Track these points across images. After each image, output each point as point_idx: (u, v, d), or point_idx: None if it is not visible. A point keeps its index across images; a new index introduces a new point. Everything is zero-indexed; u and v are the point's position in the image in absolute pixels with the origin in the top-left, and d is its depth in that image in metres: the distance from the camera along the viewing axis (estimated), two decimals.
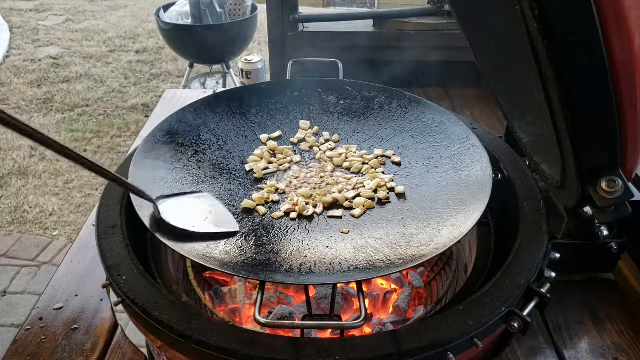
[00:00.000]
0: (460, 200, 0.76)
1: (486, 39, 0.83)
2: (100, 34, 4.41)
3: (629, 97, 0.55)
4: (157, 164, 0.83)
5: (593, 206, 0.67)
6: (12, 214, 2.39)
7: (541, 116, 0.63)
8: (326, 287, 0.89)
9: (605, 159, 0.62)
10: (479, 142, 0.85)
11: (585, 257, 0.84)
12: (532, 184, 0.83)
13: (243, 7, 2.79)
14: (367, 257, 0.67)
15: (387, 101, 0.99)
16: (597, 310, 0.86)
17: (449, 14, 1.59)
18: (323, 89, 1.03)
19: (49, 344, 0.81)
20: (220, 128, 0.94)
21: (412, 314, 0.87)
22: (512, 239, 0.75)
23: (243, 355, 0.58)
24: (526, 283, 0.67)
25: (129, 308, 0.67)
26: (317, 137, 0.96)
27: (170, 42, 2.82)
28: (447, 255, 0.95)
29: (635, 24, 0.50)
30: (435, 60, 1.59)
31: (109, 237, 0.74)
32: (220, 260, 0.66)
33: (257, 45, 4.10)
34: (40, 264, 2.10)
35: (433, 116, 0.94)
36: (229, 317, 0.84)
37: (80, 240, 1.03)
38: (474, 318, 0.62)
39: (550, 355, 0.80)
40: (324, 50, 1.59)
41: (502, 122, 1.34)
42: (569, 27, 0.49)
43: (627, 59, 0.52)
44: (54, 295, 0.90)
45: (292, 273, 0.65)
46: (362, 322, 0.57)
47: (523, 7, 0.49)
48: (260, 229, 0.74)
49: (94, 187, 2.58)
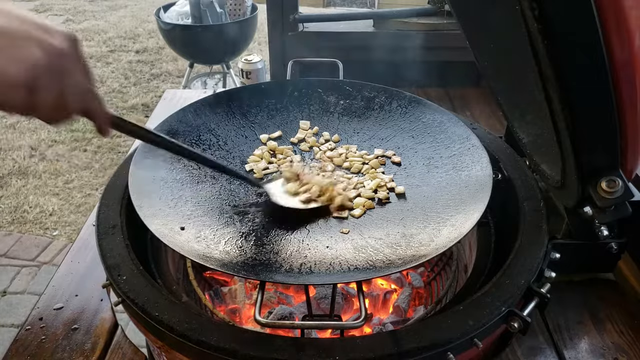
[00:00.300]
0: (460, 200, 0.76)
1: (486, 39, 0.83)
2: (100, 34, 4.41)
3: (629, 97, 0.55)
4: (157, 164, 0.83)
5: (593, 206, 0.67)
6: (12, 214, 2.39)
7: (541, 116, 0.63)
8: (326, 287, 0.89)
9: (605, 159, 0.62)
10: (479, 142, 0.85)
11: (585, 257, 0.84)
12: (532, 184, 0.83)
13: (243, 7, 2.79)
14: (367, 257, 0.67)
15: (387, 101, 0.99)
16: (597, 310, 0.86)
17: (449, 14, 1.59)
18: (323, 89, 1.03)
19: (49, 344, 0.81)
20: (220, 128, 0.94)
21: (412, 314, 0.87)
22: (512, 239, 0.75)
23: (243, 355, 0.58)
24: (526, 283, 0.67)
25: (129, 308, 0.67)
26: (317, 137, 0.96)
27: (170, 42, 2.82)
28: (447, 255, 0.95)
29: (635, 24, 0.50)
30: (435, 60, 1.59)
31: (109, 237, 0.74)
32: (220, 260, 0.66)
33: (257, 45, 4.10)
34: (40, 264, 2.11)
35: (433, 116, 0.94)
36: (229, 317, 0.84)
37: (80, 240, 1.03)
38: (474, 318, 0.62)
39: (550, 355, 0.80)
40: (324, 50, 1.59)
41: (502, 122, 1.34)
42: (569, 27, 0.49)
43: (627, 59, 0.52)
44: (54, 295, 0.90)
45: (292, 273, 0.65)
46: (362, 322, 0.57)
47: (523, 7, 0.50)
48: (260, 229, 0.74)
49: (94, 187, 2.58)
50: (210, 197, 0.80)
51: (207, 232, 0.72)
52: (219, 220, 0.75)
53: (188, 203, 0.77)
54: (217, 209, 0.78)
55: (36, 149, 2.83)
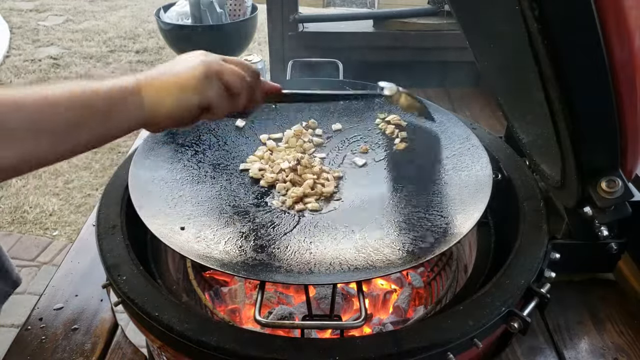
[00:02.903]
0: (460, 200, 0.76)
1: (486, 39, 0.83)
2: (100, 34, 4.41)
3: (629, 97, 0.55)
4: (157, 164, 0.83)
5: (593, 206, 0.67)
6: (12, 214, 2.39)
7: (541, 116, 0.63)
8: (326, 287, 0.89)
9: (605, 159, 0.62)
10: (479, 142, 0.85)
11: (585, 257, 0.84)
12: (532, 184, 0.83)
13: (243, 7, 2.79)
14: (367, 257, 0.67)
15: (387, 101, 0.99)
16: (597, 310, 0.86)
17: (449, 14, 1.59)
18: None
19: (49, 344, 0.81)
20: (220, 128, 0.94)
21: (412, 314, 0.87)
22: (512, 239, 0.75)
23: (243, 355, 0.58)
24: (526, 283, 0.67)
25: (129, 308, 0.67)
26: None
27: (170, 42, 2.82)
28: (447, 255, 0.95)
29: (635, 24, 0.50)
30: (435, 60, 1.59)
31: (109, 237, 0.74)
32: (220, 260, 0.66)
33: (257, 45, 4.10)
34: (40, 264, 2.10)
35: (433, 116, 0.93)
36: (229, 317, 0.84)
37: (80, 240, 1.03)
38: (474, 318, 0.62)
39: (550, 355, 0.79)
40: (324, 50, 1.58)
41: (502, 122, 1.33)
42: (569, 27, 0.49)
43: (627, 59, 0.52)
44: (54, 295, 0.90)
45: (292, 273, 0.65)
46: (362, 322, 0.57)
47: (523, 7, 0.50)
48: (260, 229, 0.74)
49: (94, 187, 2.58)
50: (210, 197, 0.80)
51: (207, 232, 0.72)
52: (219, 220, 0.75)
53: (188, 203, 0.77)
54: (217, 209, 0.78)
55: None
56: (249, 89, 0.64)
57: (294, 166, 0.85)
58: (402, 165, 0.88)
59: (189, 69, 0.58)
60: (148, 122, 0.56)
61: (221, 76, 0.60)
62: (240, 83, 0.62)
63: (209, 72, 0.58)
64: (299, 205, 0.78)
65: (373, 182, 0.84)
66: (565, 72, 0.52)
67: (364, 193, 0.82)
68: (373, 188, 0.83)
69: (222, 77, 0.60)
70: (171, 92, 0.56)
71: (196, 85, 0.57)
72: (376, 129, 0.97)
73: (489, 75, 0.91)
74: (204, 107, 0.59)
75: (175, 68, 0.58)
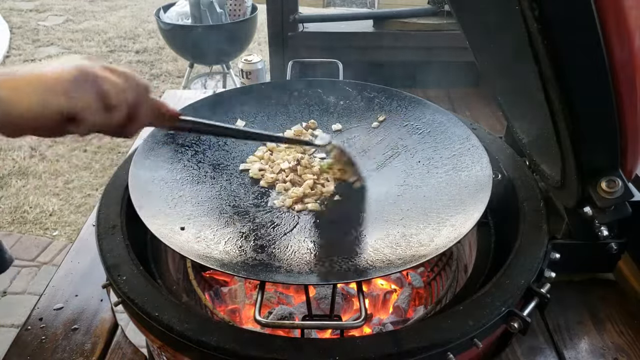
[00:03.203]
0: (460, 200, 0.76)
1: (486, 39, 0.83)
2: (100, 34, 4.41)
3: (629, 97, 0.55)
4: (157, 164, 0.83)
5: (593, 206, 0.67)
6: (12, 214, 2.39)
7: (541, 116, 0.63)
8: (326, 287, 0.89)
9: (605, 159, 0.62)
10: (479, 143, 0.85)
11: (585, 257, 0.84)
12: (532, 184, 0.83)
13: (243, 7, 2.79)
14: (367, 257, 0.67)
15: (387, 101, 0.99)
16: (597, 310, 0.86)
17: (449, 14, 1.59)
18: (323, 89, 1.03)
19: (49, 344, 0.81)
20: None
21: (412, 314, 0.87)
22: (512, 239, 0.75)
23: (243, 355, 0.58)
24: (526, 283, 0.67)
25: (129, 308, 0.67)
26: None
27: (170, 43, 2.82)
28: (447, 256, 0.95)
29: (635, 24, 0.50)
30: (435, 60, 1.59)
31: (109, 237, 0.74)
32: (220, 260, 0.66)
33: (257, 45, 4.10)
34: (40, 264, 2.10)
35: (433, 116, 0.94)
36: (229, 317, 0.84)
37: (80, 241, 1.03)
38: (474, 318, 0.62)
39: (550, 355, 0.79)
40: (324, 50, 1.59)
41: (502, 122, 1.34)
42: (569, 27, 0.49)
43: (627, 59, 0.52)
44: (54, 295, 0.90)
45: (292, 273, 0.65)
46: (362, 322, 0.57)
47: (523, 7, 0.50)
48: (260, 229, 0.74)
49: (94, 187, 2.58)
50: (210, 197, 0.80)
51: (207, 232, 0.72)
52: (219, 220, 0.75)
53: (188, 203, 0.77)
54: (217, 209, 0.78)
55: (36, 149, 2.83)
56: (131, 105, 0.56)
57: (293, 166, 0.85)
58: (402, 165, 0.88)
59: (58, 70, 0.52)
60: (2, 122, 0.50)
61: (97, 84, 0.53)
62: (119, 95, 0.55)
63: (81, 76, 0.52)
64: (299, 206, 0.79)
65: (373, 183, 0.85)
66: (565, 72, 0.52)
67: (364, 193, 0.82)
68: (373, 188, 0.83)
69: (98, 85, 0.53)
70: (31, 92, 0.50)
71: (62, 88, 0.51)
72: (376, 128, 0.97)
73: (489, 75, 0.91)
74: (69, 115, 0.52)
75: (45, 67, 0.52)
